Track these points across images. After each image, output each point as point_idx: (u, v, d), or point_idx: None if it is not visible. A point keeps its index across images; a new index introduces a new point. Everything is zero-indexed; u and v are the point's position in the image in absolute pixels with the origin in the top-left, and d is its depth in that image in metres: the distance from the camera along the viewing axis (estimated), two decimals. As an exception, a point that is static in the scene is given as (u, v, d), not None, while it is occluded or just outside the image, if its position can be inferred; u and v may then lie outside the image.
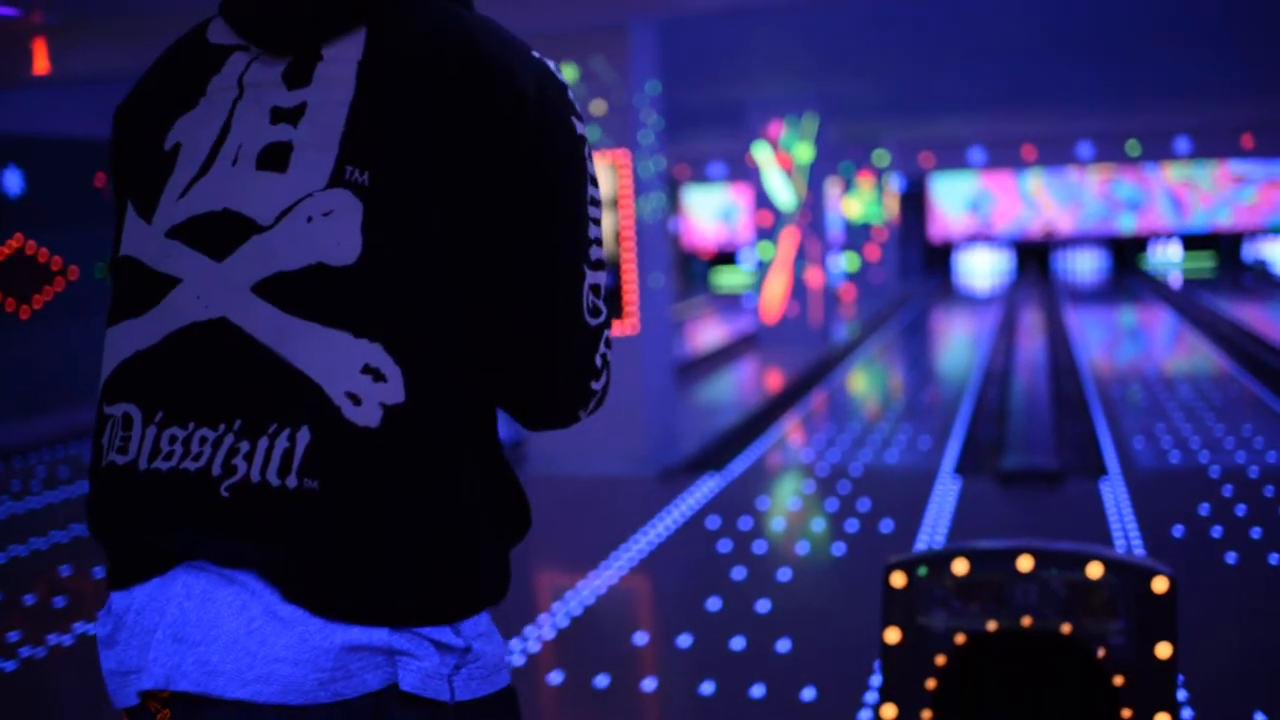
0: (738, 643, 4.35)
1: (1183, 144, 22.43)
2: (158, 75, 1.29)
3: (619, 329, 7.39)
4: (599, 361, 1.28)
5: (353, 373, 1.12)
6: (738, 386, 11.08)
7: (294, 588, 1.10)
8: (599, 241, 1.26)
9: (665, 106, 9.44)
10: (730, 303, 19.53)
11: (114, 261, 1.25)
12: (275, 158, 1.18)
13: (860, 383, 10.92)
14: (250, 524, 1.11)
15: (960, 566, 2.15)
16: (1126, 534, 5.56)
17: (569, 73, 7.29)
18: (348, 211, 1.15)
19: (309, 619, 1.10)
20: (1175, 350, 12.44)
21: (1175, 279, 21.61)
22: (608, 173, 7.29)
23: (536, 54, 1.25)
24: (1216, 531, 5.54)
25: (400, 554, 1.12)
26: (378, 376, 1.13)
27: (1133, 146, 22.53)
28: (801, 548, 5.60)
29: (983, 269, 24.38)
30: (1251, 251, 24.10)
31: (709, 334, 15.58)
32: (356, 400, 1.12)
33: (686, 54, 9.86)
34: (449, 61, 1.18)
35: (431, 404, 1.14)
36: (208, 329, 1.16)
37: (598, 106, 7.27)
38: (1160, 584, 2.19)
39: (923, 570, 2.15)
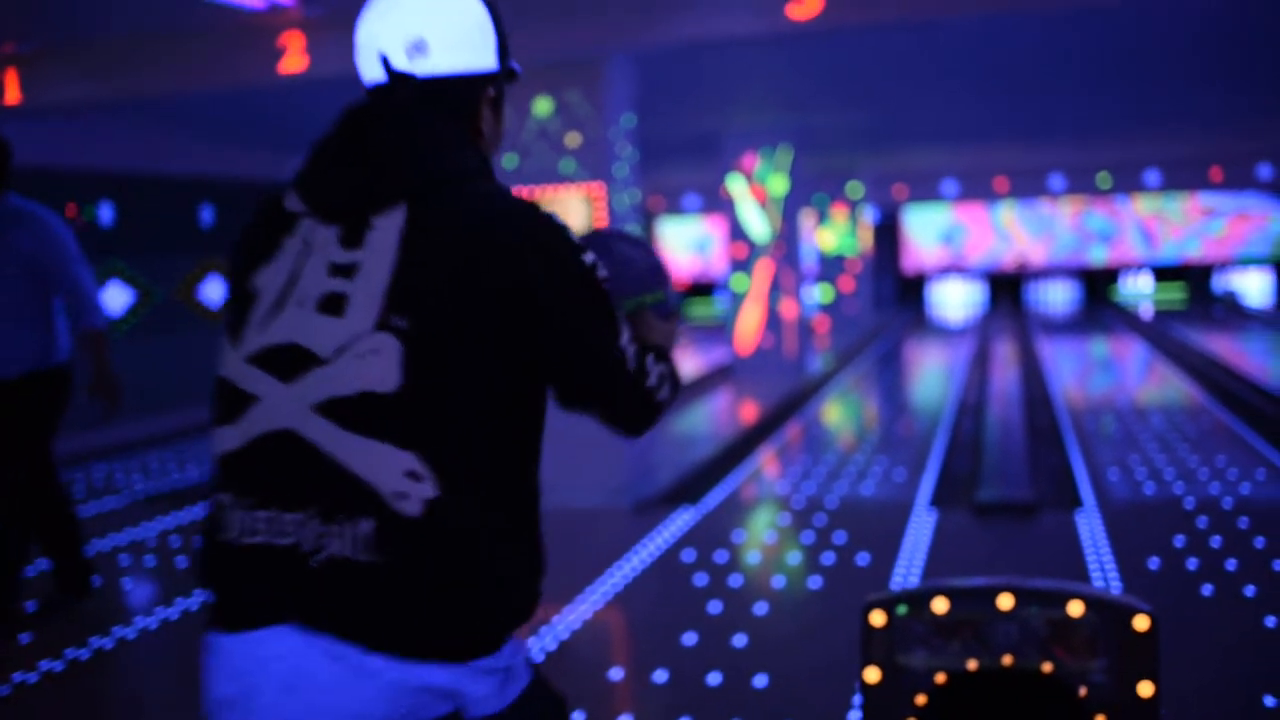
0: (714, 678, 4.31)
1: (1153, 176, 22.64)
2: (249, 234, 1.65)
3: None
4: (654, 381, 1.68)
5: (398, 476, 1.46)
6: (712, 418, 11.06)
7: (373, 641, 1.45)
8: (620, 320, 1.63)
9: (640, 138, 9.43)
10: (705, 334, 19.54)
11: (217, 380, 1.61)
12: (333, 305, 1.51)
13: (835, 414, 10.92)
14: (333, 591, 1.45)
15: (940, 605, 2.12)
16: (1103, 566, 5.55)
17: (544, 106, 7.29)
18: (389, 351, 1.47)
19: (388, 668, 1.45)
20: (1147, 381, 12.51)
21: (1146, 310, 21.76)
22: (582, 206, 7.28)
23: (544, 211, 1.58)
24: (1192, 564, 5.55)
25: (450, 607, 1.46)
26: (416, 478, 1.46)
27: (1103, 179, 22.73)
28: (778, 581, 5.57)
29: (956, 300, 24.51)
30: (1221, 283, 24.32)
31: (684, 365, 15.58)
32: (403, 497, 1.45)
33: (661, 86, 9.88)
34: (475, 230, 1.51)
35: (461, 495, 1.48)
36: (280, 437, 1.50)
37: (573, 139, 7.27)
38: (1142, 622, 2.18)
39: (902, 609, 2.12)
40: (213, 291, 12.32)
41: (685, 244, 25.38)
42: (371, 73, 1.69)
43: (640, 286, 1.78)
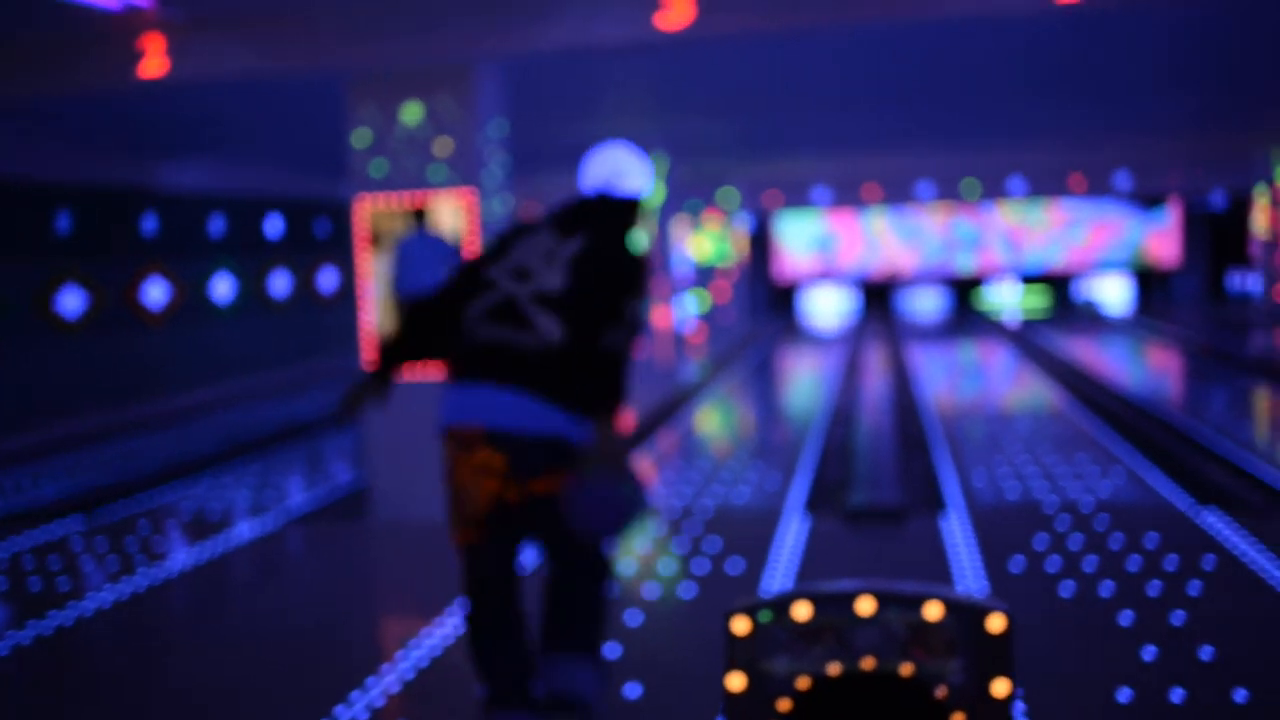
0: (586, 689, 4.28)
1: (1017, 184, 23.30)
2: (515, 230, 3.74)
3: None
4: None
5: (549, 325, 3.47)
6: (588, 427, 11.05)
7: (531, 391, 3.45)
8: (645, 304, 3.60)
9: (514, 145, 9.35)
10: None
11: (482, 278, 3.63)
12: (549, 257, 3.59)
13: (709, 422, 10.99)
14: (521, 367, 3.45)
15: (802, 611, 2.13)
16: (968, 568, 5.67)
17: (415, 111, 7.21)
18: (564, 276, 3.54)
19: (540, 405, 3.45)
20: (1012, 387, 12.84)
21: (1012, 317, 22.34)
22: (453, 212, 7.21)
23: (635, 250, 3.69)
24: (1053, 564, 5.69)
25: (569, 389, 3.47)
26: (556, 329, 3.47)
27: (969, 186, 23.34)
28: (651, 590, 5.56)
29: (828, 308, 24.90)
30: (1082, 290, 25.17)
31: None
32: (549, 335, 3.47)
33: (535, 93, 9.84)
34: (606, 247, 3.64)
35: (573, 344, 3.46)
36: (508, 300, 3.53)
37: (443, 146, 7.19)
38: (996, 623, 2.21)
39: (765, 615, 2.13)
40: (70, 302, 11.90)
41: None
42: (591, 187, 3.78)
43: None
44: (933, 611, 2.18)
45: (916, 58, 9.33)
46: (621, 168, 3.78)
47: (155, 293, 13.17)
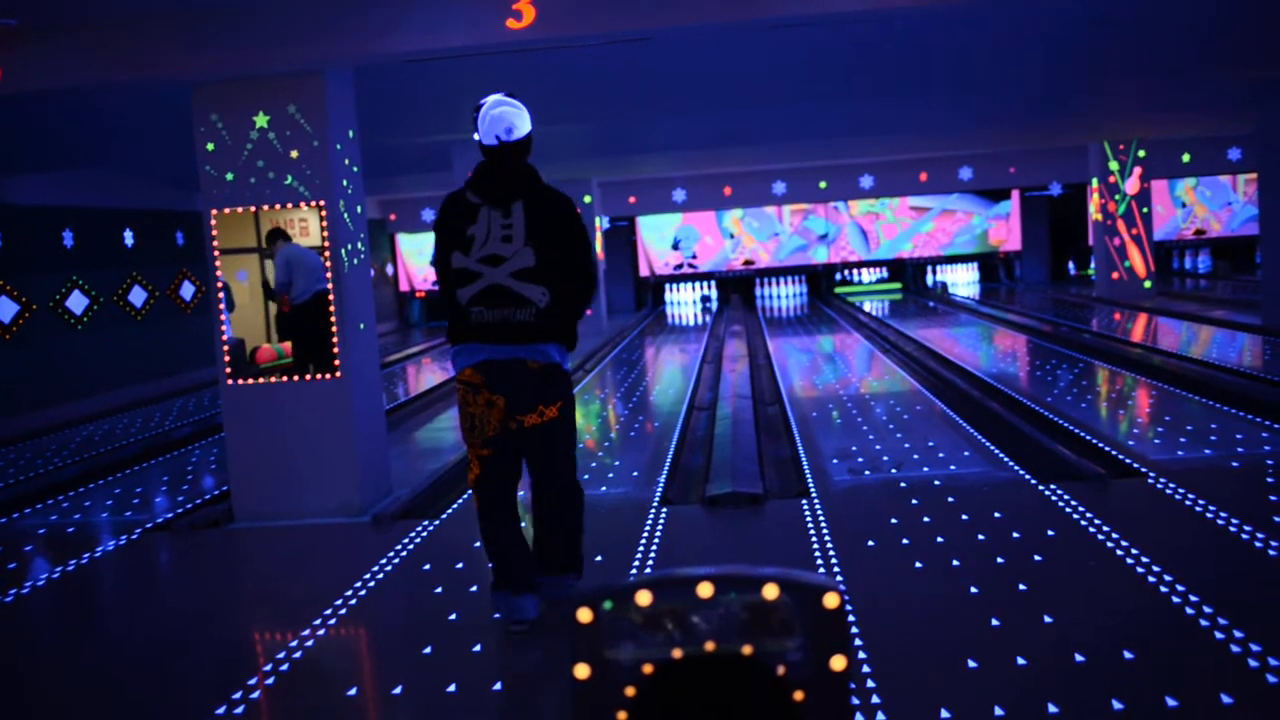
0: (451, 687, 4.34)
1: (867, 180, 23.93)
2: (450, 209, 4.91)
3: (326, 377, 7.27)
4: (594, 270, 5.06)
5: (538, 295, 4.79)
6: (456, 428, 11.03)
7: (527, 342, 4.83)
8: (592, 248, 5.00)
9: (372, 153, 9.30)
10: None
11: (454, 270, 4.84)
12: (506, 239, 4.79)
13: (576, 416, 11.08)
14: (516, 331, 4.80)
15: (643, 598, 2.22)
16: (825, 550, 5.85)
17: (263, 120, 7.13)
18: (530, 254, 4.79)
19: (533, 350, 4.87)
20: (868, 372, 13.18)
21: (866, 305, 22.88)
22: (313, 217, 7.17)
23: (569, 200, 4.99)
24: (905, 541, 5.91)
25: (547, 333, 4.87)
26: (543, 296, 4.81)
27: (823, 185, 23.90)
28: (517, 587, 5.62)
29: (689, 302, 25.20)
30: (934, 276, 25.95)
31: (426, 376, 15.47)
32: (539, 303, 4.80)
33: (389, 100, 9.79)
34: (550, 208, 4.87)
35: (554, 305, 4.83)
36: (492, 286, 4.78)
37: (294, 155, 7.13)
38: (831, 600, 2.31)
39: (607, 604, 2.21)
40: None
41: (422, 257, 25.19)
42: (490, 140, 4.86)
43: None
44: (770, 592, 2.28)
45: (762, 62, 9.53)
46: (509, 119, 4.86)
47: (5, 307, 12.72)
